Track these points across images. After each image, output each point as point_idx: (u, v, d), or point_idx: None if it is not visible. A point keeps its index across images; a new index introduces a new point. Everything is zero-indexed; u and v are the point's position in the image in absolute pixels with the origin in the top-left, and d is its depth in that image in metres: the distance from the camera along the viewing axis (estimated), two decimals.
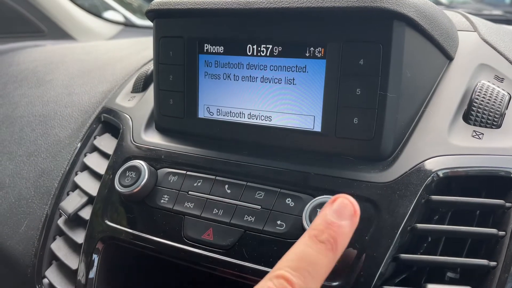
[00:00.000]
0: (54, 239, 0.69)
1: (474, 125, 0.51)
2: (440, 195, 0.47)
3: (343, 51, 0.49)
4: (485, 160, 0.47)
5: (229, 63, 0.56)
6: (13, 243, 0.72)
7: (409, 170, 0.48)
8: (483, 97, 0.52)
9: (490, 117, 0.51)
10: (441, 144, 0.49)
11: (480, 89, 0.53)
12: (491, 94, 0.52)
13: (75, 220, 0.66)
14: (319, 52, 0.51)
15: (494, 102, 0.51)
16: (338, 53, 0.49)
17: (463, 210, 0.49)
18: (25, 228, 0.72)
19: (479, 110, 0.51)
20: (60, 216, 0.69)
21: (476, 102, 0.51)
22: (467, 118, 0.51)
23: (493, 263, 0.44)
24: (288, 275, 0.34)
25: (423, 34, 0.51)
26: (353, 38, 0.49)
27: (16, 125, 0.88)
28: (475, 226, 0.47)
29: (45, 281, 0.66)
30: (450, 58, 0.57)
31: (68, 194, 0.70)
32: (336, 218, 0.38)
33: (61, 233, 0.68)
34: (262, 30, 0.53)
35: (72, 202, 0.67)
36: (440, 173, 0.47)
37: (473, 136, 0.50)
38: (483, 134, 0.50)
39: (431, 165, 0.48)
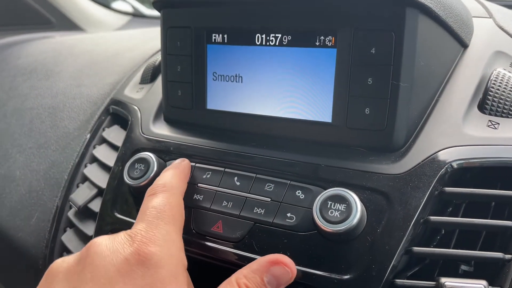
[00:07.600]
0: (65, 231, 0.69)
1: (490, 114, 0.49)
2: (454, 187, 0.46)
3: (354, 39, 0.48)
4: (501, 151, 0.46)
5: None
6: (24, 235, 0.72)
7: (422, 161, 0.47)
8: (499, 86, 0.50)
9: (506, 106, 0.49)
10: (455, 135, 0.48)
11: (496, 77, 0.51)
12: (507, 82, 0.51)
13: (85, 212, 0.66)
14: (329, 41, 0.49)
15: (510, 90, 0.50)
16: (349, 42, 0.48)
17: (478, 202, 0.48)
18: (36, 220, 0.72)
19: (495, 99, 0.50)
20: (70, 208, 0.69)
21: (491, 91, 0.50)
22: (482, 107, 0.50)
23: (508, 256, 0.43)
24: None
25: (437, 21, 0.49)
26: (364, 26, 0.48)
27: (26, 117, 0.88)
28: (490, 219, 0.46)
29: None
30: (464, 46, 0.56)
31: (77, 186, 0.70)
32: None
33: (71, 225, 0.68)
34: (271, 19, 0.52)
35: (81, 194, 0.67)
36: (454, 164, 0.46)
37: (488, 126, 0.48)
38: (498, 123, 0.48)
39: (445, 156, 0.47)
